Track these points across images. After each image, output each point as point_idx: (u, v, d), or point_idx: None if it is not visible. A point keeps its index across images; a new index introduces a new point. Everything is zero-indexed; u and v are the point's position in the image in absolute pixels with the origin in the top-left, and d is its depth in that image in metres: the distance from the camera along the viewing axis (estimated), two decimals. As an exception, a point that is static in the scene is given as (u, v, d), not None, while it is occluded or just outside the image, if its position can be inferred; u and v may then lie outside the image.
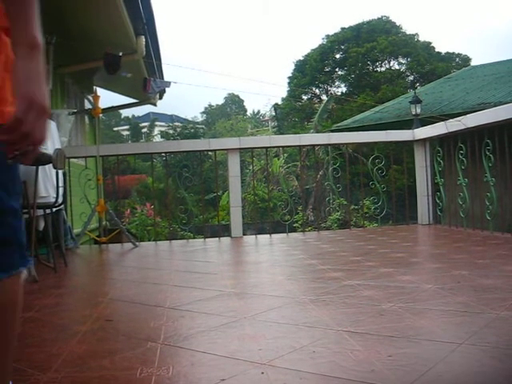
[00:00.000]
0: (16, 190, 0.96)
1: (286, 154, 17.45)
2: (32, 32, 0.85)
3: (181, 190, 5.67)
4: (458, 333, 1.54)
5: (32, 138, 0.83)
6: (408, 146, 5.49)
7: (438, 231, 4.73)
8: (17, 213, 0.96)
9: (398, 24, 24.67)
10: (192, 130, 26.47)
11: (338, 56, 24.50)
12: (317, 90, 25.27)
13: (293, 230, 7.83)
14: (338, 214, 13.04)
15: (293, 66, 25.26)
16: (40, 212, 3.46)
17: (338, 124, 14.06)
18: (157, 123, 32.18)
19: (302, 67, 24.61)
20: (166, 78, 7.10)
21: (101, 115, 5.49)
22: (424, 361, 1.32)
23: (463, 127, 4.39)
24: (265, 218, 12.16)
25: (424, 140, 5.25)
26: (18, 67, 0.84)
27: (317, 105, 22.36)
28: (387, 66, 24.29)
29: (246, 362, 1.39)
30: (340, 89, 25.13)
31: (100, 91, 5.11)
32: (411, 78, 23.95)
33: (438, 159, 5.05)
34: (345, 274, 2.62)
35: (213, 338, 1.66)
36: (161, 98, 8.11)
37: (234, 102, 44.39)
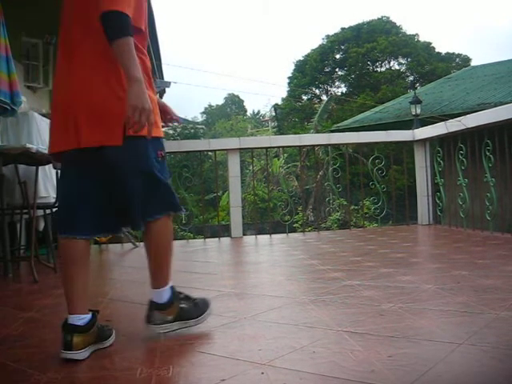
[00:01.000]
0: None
1: (285, 155, 17.44)
2: (129, 72, 1.43)
3: (181, 190, 5.65)
4: (457, 333, 1.54)
5: (140, 123, 1.44)
6: (408, 146, 5.49)
7: (438, 231, 4.73)
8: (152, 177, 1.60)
9: (398, 24, 24.75)
10: (192, 131, 26.42)
11: (338, 56, 24.54)
12: (317, 90, 25.30)
13: (293, 230, 7.83)
14: (338, 214, 13.05)
15: (293, 66, 25.34)
16: (40, 212, 3.46)
17: (338, 124, 14.08)
18: (157, 123, 32.11)
19: (302, 67, 24.64)
20: (165, 78, 7.11)
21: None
22: (424, 361, 1.32)
23: (463, 127, 4.39)
24: (265, 219, 12.15)
25: (424, 140, 5.25)
26: (127, 93, 1.44)
27: (317, 105, 22.37)
28: (387, 67, 24.34)
29: (246, 362, 1.39)
30: (340, 89, 25.20)
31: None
32: (411, 78, 23.99)
33: (438, 159, 5.05)
34: (345, 275, 2.62)
35: (213, 338, 1.66)
36: (161, 98, 8.10)
37: (234, 102, 44.31)
